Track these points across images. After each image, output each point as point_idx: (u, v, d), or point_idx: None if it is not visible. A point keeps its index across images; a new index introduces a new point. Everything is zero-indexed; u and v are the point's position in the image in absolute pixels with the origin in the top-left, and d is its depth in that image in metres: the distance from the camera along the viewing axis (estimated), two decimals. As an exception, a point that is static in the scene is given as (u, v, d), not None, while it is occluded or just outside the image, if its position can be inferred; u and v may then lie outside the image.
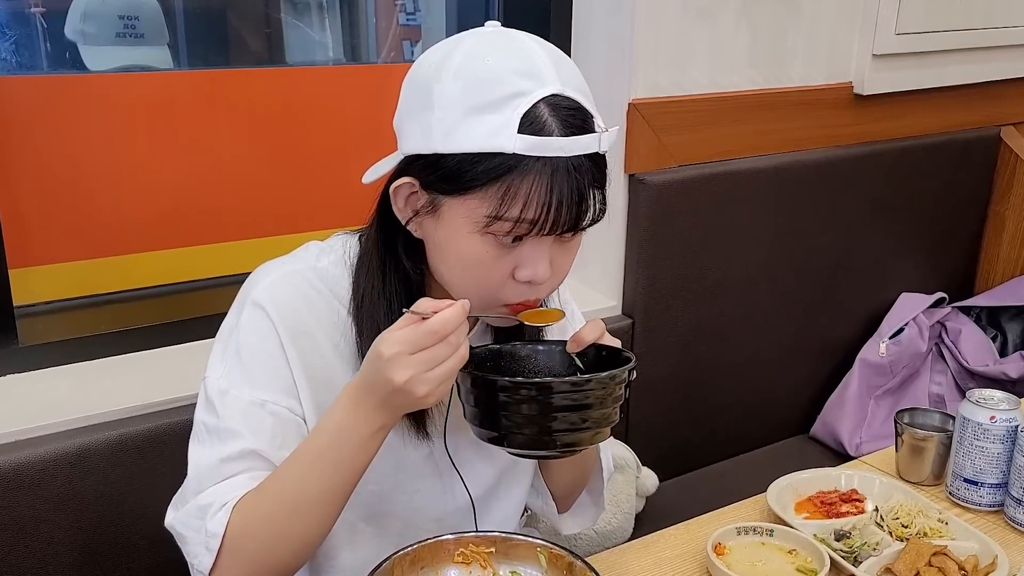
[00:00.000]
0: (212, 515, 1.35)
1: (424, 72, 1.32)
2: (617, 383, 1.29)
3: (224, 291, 2.18)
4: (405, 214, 1.36)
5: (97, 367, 2.11)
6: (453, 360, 1.24)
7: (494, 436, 1.31)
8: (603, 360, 1.39)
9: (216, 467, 1.38)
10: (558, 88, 1.26)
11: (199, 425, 1.43)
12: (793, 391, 3.07)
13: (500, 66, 1.26)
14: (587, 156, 1.27)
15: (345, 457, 1.31)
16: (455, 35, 1.35)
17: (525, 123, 1.23)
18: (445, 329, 1.22)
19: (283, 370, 1.42)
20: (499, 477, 1.63)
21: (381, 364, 1.23)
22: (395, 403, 1.27)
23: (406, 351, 1.22)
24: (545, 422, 1.26)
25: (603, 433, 1.32)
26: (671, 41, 2.52)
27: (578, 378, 1.27)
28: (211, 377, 1.43)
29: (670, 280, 2.62)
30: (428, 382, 1.23)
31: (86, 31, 2.34)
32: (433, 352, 1.22)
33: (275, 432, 1.41)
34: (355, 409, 1.29)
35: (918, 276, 3.24)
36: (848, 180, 2.94)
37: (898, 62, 2.95)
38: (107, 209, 2.20)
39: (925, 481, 1.92)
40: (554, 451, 1.32)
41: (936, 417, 1.99)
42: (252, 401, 1.40)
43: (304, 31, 2.78)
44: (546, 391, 1.25)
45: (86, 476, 1.82)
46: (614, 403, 1.31)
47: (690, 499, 2.26)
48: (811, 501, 1.84)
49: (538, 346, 1.47)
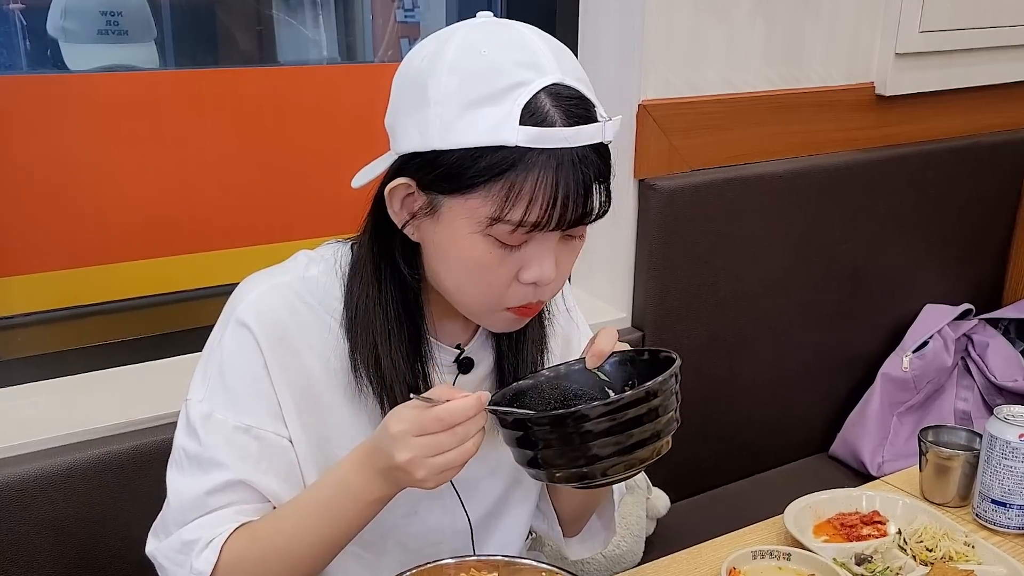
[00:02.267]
0: (199, 552, 1.37)
1: (417, 67, 1.32)
2: (673, 388, 1.33)
3: (211, 303, 2.18)
4: (401, 217, 1.36)
5: (78, 382, 2.11)
6: (456, 453, 1.26)
7: (573, 473, 1.29)
8: (626, 364, 1.41)
9: (201, 499, 1.40)
10: (558, 77, 1.27)
11: (179, 451, 1.43)
12: (811, 407, 3.07)
13: (498, 57, 1.26)
14: (591, 148, 1.27)
15: (343, 515, 1.35)
16: (444, 28, 1.35)
17: (527, 114, 1.23)
18: (452, 419, 1.25)
19: (268, 392, 1.42)
20: (502, 498, 1.64)
21: (387, 438, 1.27)
22: (394, 477, 1.30)
23: (411, 432, 1.26)
24: (624, 442, 1.26)
25: (665, 444, 1.33)
26: (683, 39, 2.52)
27: (638, 390, 1.26)
28: (193, 399, 1.43)
29: (682, 291, 2.62)
30: (428, 468, 1.26)
31: (67, 28, 2.34)
32: (437, 439, 1.25)
33: (260, 458, 1.42)
34: (359, 470, 1.33)
35: (943, 286, 3.24)
36: (869, 186, 2.94)
37: (922, 61, 2.95)
38: (89, 216, 2.20)
39: (951, 502, 1.93)
40: (636, 469, 1.31)
41: (962, 435, 1.99)
42: (236, 426, 1.41)
43: (297, 28, 2.78)
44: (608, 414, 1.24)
45: (68, 497, 1.83)
46: (673, 407, 1.33)
47: (703, 521, 2.26)
48: (831, 523, 1.85)
49: (558, 370, 1.47)
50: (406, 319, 1.42)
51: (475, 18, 1.35)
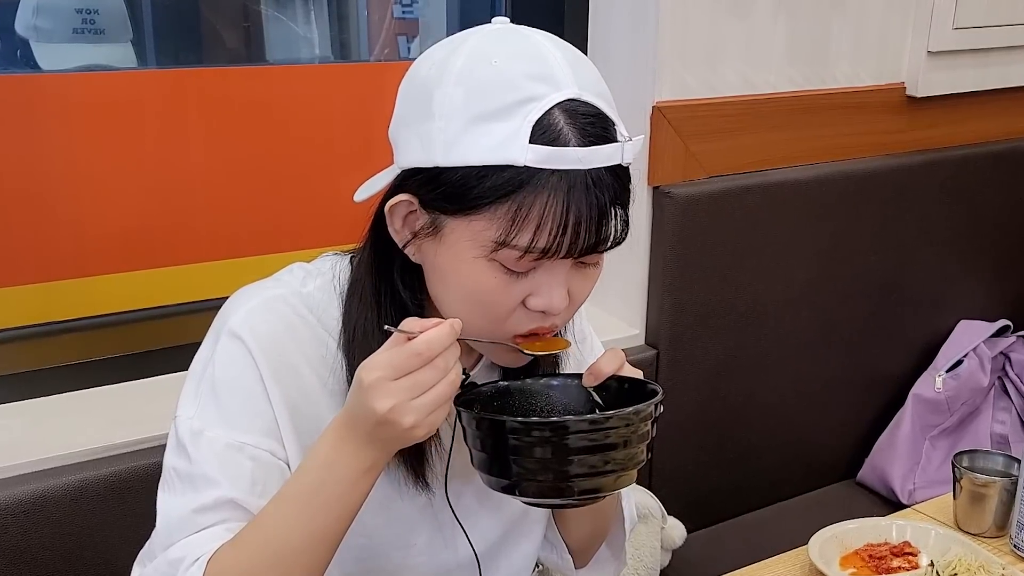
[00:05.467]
0: (184, 570, 1.34)
1: (423, 76, 1.31)
2: (642, 419, 1.28)
3: (196, 319, 2.17)
4: (403, 236, 1.36)
5: (52, 404, 2.11)
6: (442, 386, 1.23)
7: (505, 484, 1.30)
8: (625, 393, 1.39)
9: (189, 518, 1.37)
10: (575, 92, 1.26)
11: (169, 471, 1.42)
12: (837, 431, 3.08)
13: (509, 68, 1.26)
14: (608, 169, 1.26)
15: (333, 498, 1.30)
16: (458, 33, 1.34)
17: (537, 132, 1.22)
18: (431, 350, 1.21)
19: (264, 409, 1.41)
20: (507, 529, 1.63)
21: (363, 393, 1.23)
22: (382, 436, 1.26)
23: (388, 376, 1.21)
24: (562, 466, 1.25)
25: (628, 476, 1.31)
26: (700, 36, 2.53)
27: (597, 415, 1.26)
28: (183, 417, 1.42)
29: (699, 306, 2.63)
30: (414, 411, 1.22)
31: (39, 26, 2.35)
32: (418, 377, 1.21)
33: (255, 478, 1.40)
34: (342, 445, 1.29)
35: (979, 301, 3.24)
36: (900, 193, 2.94)
37: (956, 60, 2.96)
38: (65, 226, 2.20)
39: (987, 532, 1.93)
40: (572, 499, 1.31)
41: (999, 460, 2.00)
42: (229, 444, 1.39)
43: (287, 25, 2.79)
44: (561, 431, 1.24)
45: (41, 527, 1.82)
46: (639, 442, 1.29)
47: (721, 552, 2.27)
48: (858, 555, 1.85)
49: (551, 380, 1.46)
50: None
51: (490, 24, 1.35)
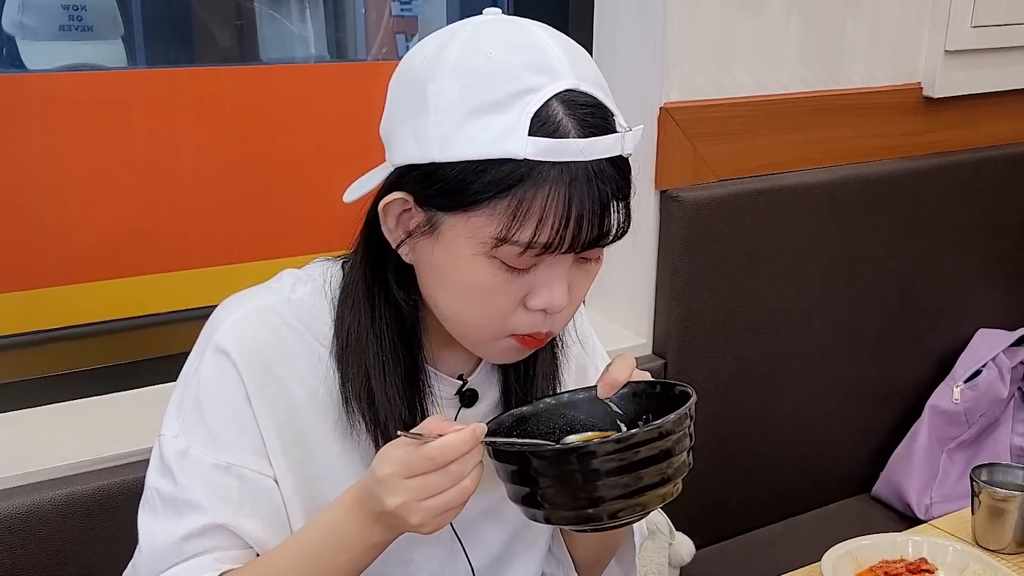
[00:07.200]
0: None
1: (416, 70, 1.32)
2: (686, 428, 1.29)
3: (186, 327, 2.16)
4: (396, 235, 1.36)
5: (38, 416, 2.11)
6: (452, 493, 1.25)
7: (573, 515, 1.28)
8: (640, 397, 1.40)
9: (176, 545, 1.39)
10: (573, 83, 1.26)
11: (152, 492, 1.43)
12: (852, 443, 3.08)
13: (505, 59, 1.26)
14: (609, 161, 1.26)
15: (336, 564, 1.34)
16: (449, 26, 1.35)
17: (536, 124, 1.23)
18: (444, 456, 1.23)
19: (250, 427, 1.41)
20: (509, 543, 1.63)
21: (375, 483, 1.26)
22: (389, 523, 1.30)
23: (400, 474, 1.25)
24: (593, 491, 1.25)
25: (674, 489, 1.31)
26: (710, 34, 2.53)
27: (651, 426, 1.24)
28: (167, 435, 1.43)
29: (708, 314, 2.63)
30: (422, 511, 1.25)
31: (25, 24, 2.36)
32: (429, 479, 1.24)
33: (242, 499, 1.41)
34: (352, 515, 1.32)
35: (998, 309, 3.24)
36: (917, 197, 2.95)
37: (975, 59, 2.96)
38: (50, 231, 2.21)
39: (1006, 548, 1.93)
40: (638, 515, 1.31)
41: (1019, 474, 2.00)
42: (215, 464, 1.40)
43: (281, 23, 2.79)
44: (588, 457, 1.22)
45: (27, 543, 1.83)
46: (687, 450, 1.30)
47: (731, 569, 2.27)
48: (873, 572, 1.85)
49: (563, 397, 1.47)
50: (402, 348, 1.41)
51: (482, 15, 1.35)
